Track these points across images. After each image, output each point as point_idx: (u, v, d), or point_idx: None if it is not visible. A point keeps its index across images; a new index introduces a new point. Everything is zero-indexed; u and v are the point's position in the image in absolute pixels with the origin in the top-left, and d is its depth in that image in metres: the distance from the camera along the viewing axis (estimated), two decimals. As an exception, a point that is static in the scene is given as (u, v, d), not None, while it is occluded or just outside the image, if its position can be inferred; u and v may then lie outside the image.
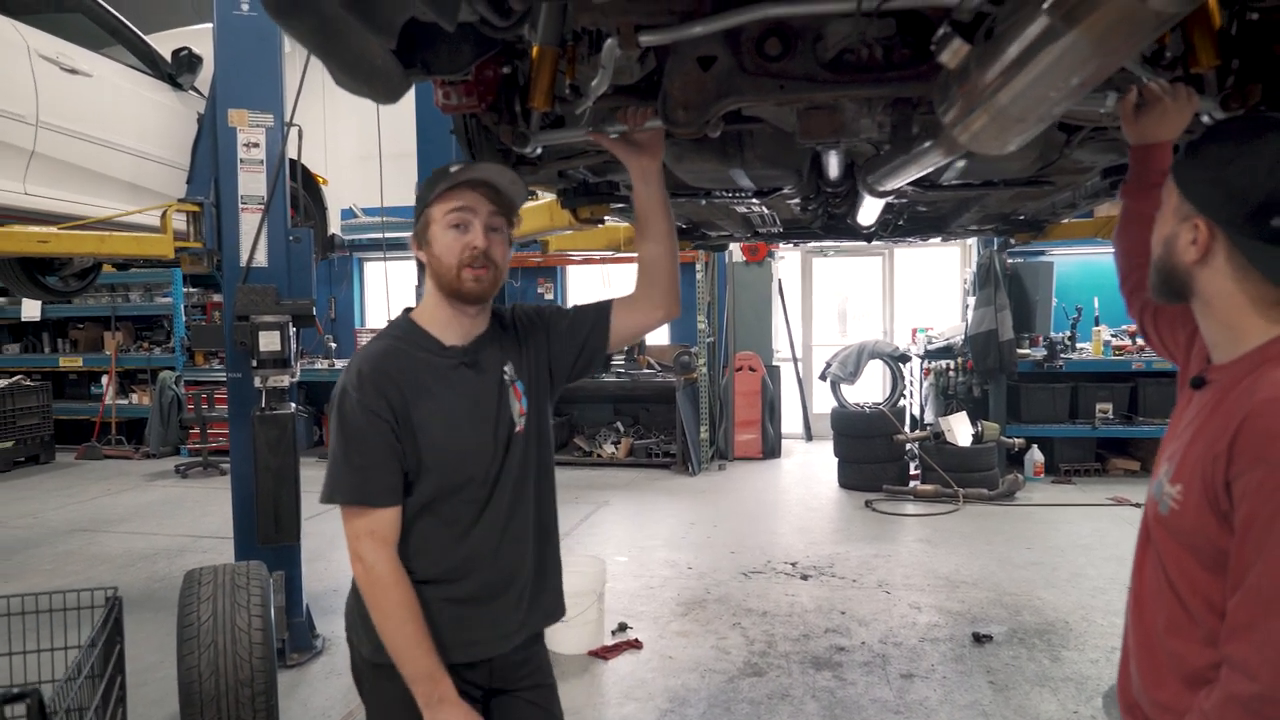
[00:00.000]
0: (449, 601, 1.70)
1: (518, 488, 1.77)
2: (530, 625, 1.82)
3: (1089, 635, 4.35)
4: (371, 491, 1.65)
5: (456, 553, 1.70)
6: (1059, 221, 3.74)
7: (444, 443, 1.69)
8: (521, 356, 1.84)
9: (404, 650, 1.63)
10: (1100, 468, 8.20)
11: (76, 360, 10.57)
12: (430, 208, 1.73)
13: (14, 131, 3.58)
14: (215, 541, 6.37)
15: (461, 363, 1.75)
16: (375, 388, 1.66)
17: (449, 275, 1.71)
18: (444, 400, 1.71)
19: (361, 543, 1.64)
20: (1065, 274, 8.79)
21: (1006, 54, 1.29)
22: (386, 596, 1.63)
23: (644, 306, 1.93)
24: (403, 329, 1.78)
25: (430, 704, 1.63)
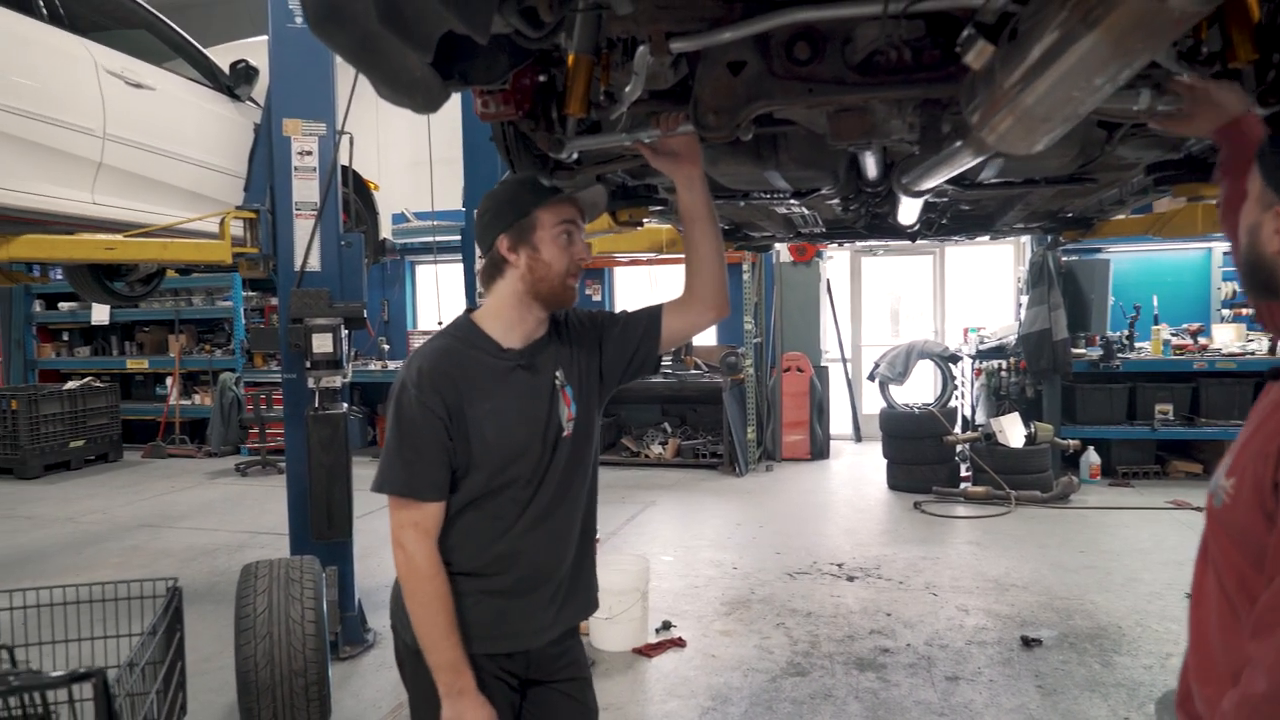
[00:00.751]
0: (487, 594, 1.76)
1: (561, 488, 1.82)
2: (565, 620, 1.87)
3: (1143, 641, 4.27)
4: (419, 486, 1.71)
5: (496, 548, 1.76)
6: (1108, 219, 3.68)
7: (494, 442, 1.74)
8: (573, 361, 1.89)
9: (433, 639, 1.70)
10: (1160, 470, 8.00)
11: (143, 362, 10.97)
12: (540, 212, 1.79)
13: (83, 144, 3.75)
14: (273, 537, 6.56)
15: (518, 365, 1.81)
16: (432, 385, 1.72)
17: (553, 281, 1.78)
18: (498, 401, 1.76)
19: (405, 532, 1.71)
20: (1122, 272, 8.60)
21: (1030, 55, 1.30)
22: (422, 586, 1.70)
23: (694, 308, 1.96)
24: (463, 329, 1.84)
25: (450, 694, 1.69)
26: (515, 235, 1.79)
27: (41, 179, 3.59)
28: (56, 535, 6.86)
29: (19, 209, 3.48)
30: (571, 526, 1.87)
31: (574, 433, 1.85)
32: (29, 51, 3.55)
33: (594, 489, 1.96)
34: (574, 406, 1.86)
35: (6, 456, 9.18)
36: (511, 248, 1.79)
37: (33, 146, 3.53)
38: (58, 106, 3.62)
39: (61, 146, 3.65)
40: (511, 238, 1.79)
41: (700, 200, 1.94)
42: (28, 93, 3.49)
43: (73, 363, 11.26)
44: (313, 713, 3.23)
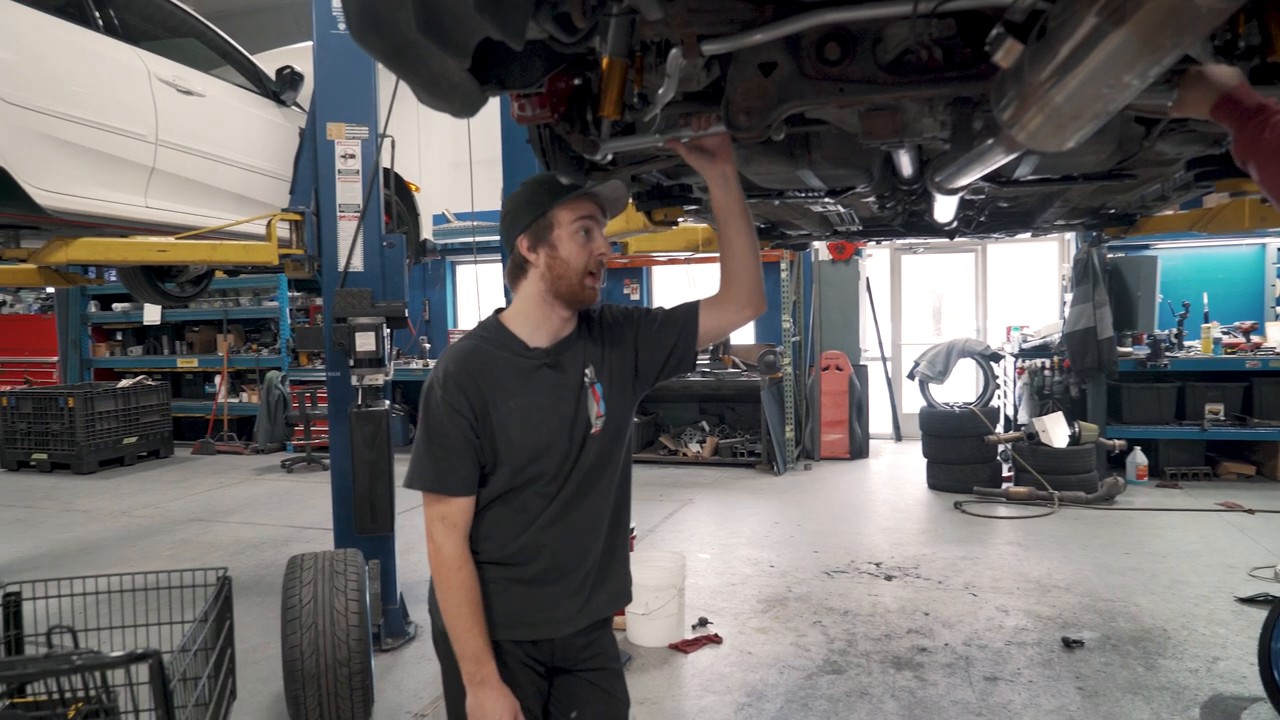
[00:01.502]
0: (513, 582, 1.81)
1: (589, 483, 1.86)
2: (592, 612, 1.91)
3: (1189, 644, 4.19)
4: (447, 482, 1.77)
5: (522, 539, 1.81)
6: (1151, 215, 3.62)
7: (518, 439, 1.78)
8: (604, 359, 1.91)
9: (458, 628, 1.76)
10: (1211, 471, 7.82)
11: (192, 361, 11.26)
12: (557, 210, 1.82)
13: (137, 150, 3.88)
14: (318, 532, 6.71)
15: (544, 364, 1.84)
16: (458, 386, 1.77)
17: (573, 279, 1.81)
18: (523, 399, 1.80)
19: (434, 525, 1.78)
20: (1171, 268, 8.43)
21: (1058, 53, 1.31)
22: (450, 577, 1.76)
23: (730, 306, 1.97)
24: (490, 330, 1.88)
25: (473, 682, 1.75)
26: (534, 235, 1.82)
27: (98, 184, 3.72)
28: (111, 528, 7.08)
29: (77, 213, 3.61)
30: (599, 520, 1.90)
31: (603, 430, 1.88)
32: (86, 62, 3.68)
33: (626, 484, 1.99)
34: (603, 404, 1.88)
35: (64, 453, 9.48)
36: (531, 247, 1.83)
37: (90, 153, 3.66)
38: (113, 114, 3.75)
39: (117, 153, 3.78)
40: (530, 238, 1.82)
41: (734, 198, 1.95)
42: (85, 102, 3.62)
43: (126, 362, 11.60)
44: (356, 702, 3.32)
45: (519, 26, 1.42)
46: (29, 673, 1.41)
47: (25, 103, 3.38)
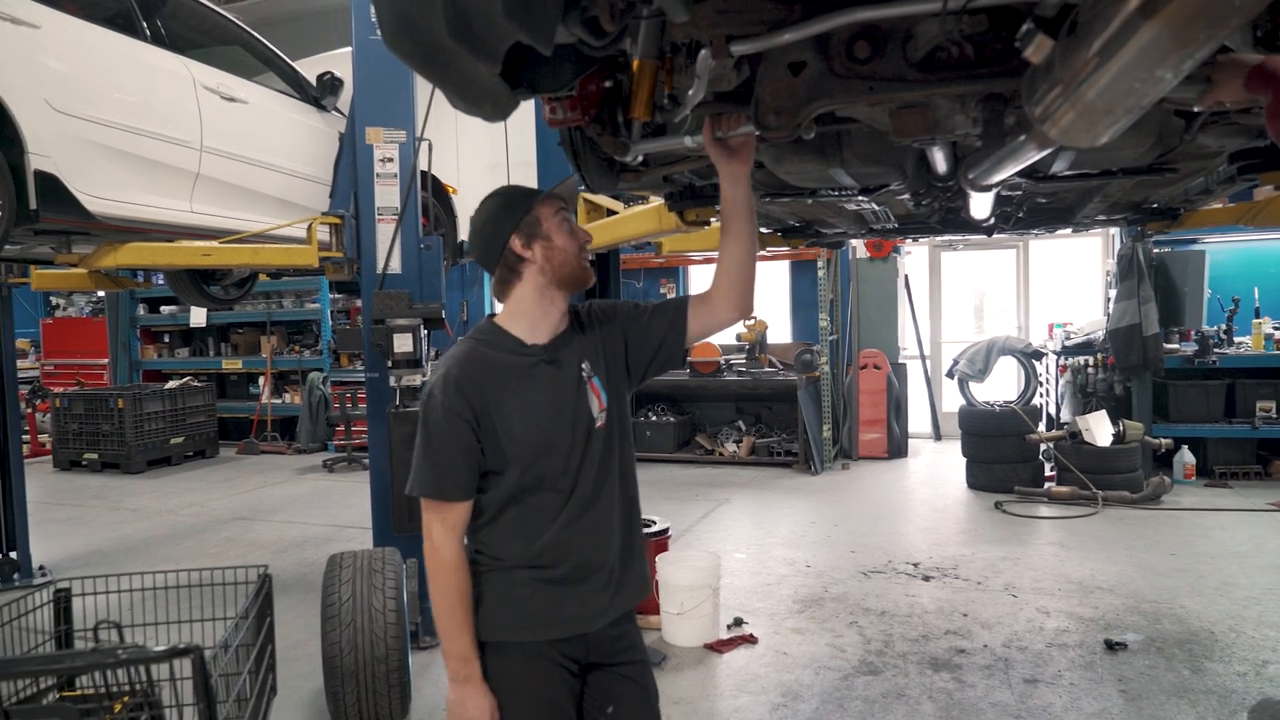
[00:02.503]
0: (543, 583, 1.83)
1: (601, 477, 1.89)
2: (620, 605, 1.93)
3: (1236, 647, 4.10)
4: (445, 488, 1.80)
5: (544, 540, 1.83)
6: (1195, 209, 3.55)
7: (522, 437, 1.81)
8: (599, 351, 1.96)
9: (450, 628, 1.81)
10: (1262, 470, 7.63)
11: (237, 363, 11.49)
12: (538, 208, 1.90)
13: (182, 157, 3.98)
14: (357, 531, 6.82)
15: (541, 360, 1.88)
16: (458, 389, 1.80)
17: (571, 263, 1.90)
18: (524, 397, 1.84)
19: (434, 527, 1.81)
20: (1219, 263, 8.22)
21: (1090, 48, 1.29)
22: (444, 578, 1.80)
23: (722, 306, 2.01)
24: (486, 332, 1.92)
25: (458, 680, 1.81)
26: (525, 232, 1.88)
27: (145, 190, 3.82)
28: (158, 526, 7.26)
29: (125, 219, 3.72)
30: (612, 514, 1.92)
31: (606, 422, 1.92)
32: (134, 71, 3.78)
33: (634, 476, 2.02)
34: (604, 396, 1.93)
35: (114, 452, 9.74)
36: (525, 244, 1.88)
37: (137, 160, 3.76)
38: (160, 122, 3.85)
39: (163, 159, 3.88)
40: (522, 235, 1.88)
41: (743, 197, 1.99)
42: (133, 110, 3.72)
43: (173, 363, 11.87)
44: (394, 699, 3.37)
45: (548, 31, 1.44)
46: (76, 665, 1.46)
47: (76, 112, 3.48)
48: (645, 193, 2.99)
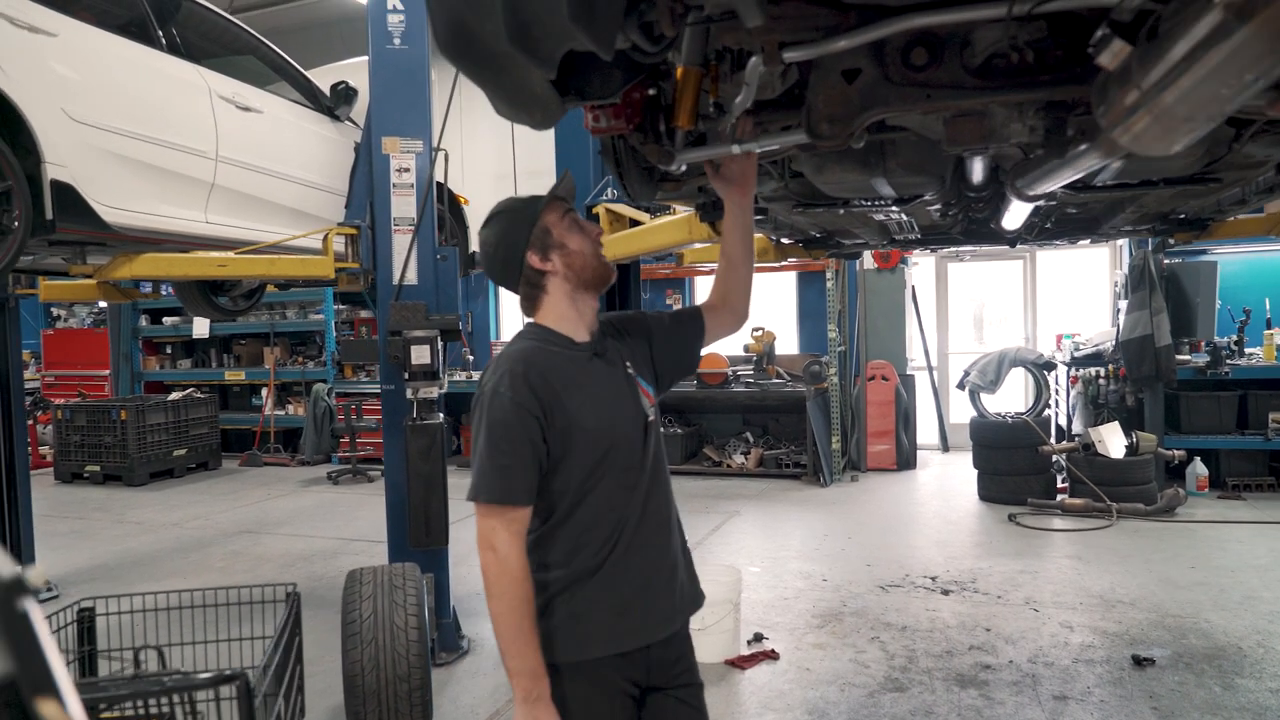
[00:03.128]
0: (612, 589, 1.78)
1: (656, 475, 1.88)
2: (681, 611, 1.90)
3: (1267, 663, 4.04)
4: (512, 490, 1.73)
5: (615, 538, 1.79)
6: (1224, 220, 3.52)
7: (593, 429, 1.78)
8: (633, 354, 1.96)
9: (518, 644, 1.70)
10: (1275, 482, 7.59)
11: (240, 374, 11.42)
12: (545, 215, 1.88)
13: (197, 167, 3.94)
14: (365, 544, 6.75)
15: (594, 354, 1.88)
16: (526, 384, 1.75)
17: (593, 263, 1.89)
18: (589, 390, 1.82)
19: (497, 535, 1.71)
20: (1230, 274, 8.20)
21: (1173, 53, 1.25)
22: (512, 589, 1.70)
23: (728, 317, 2.12)
24: (537, 332, 1.89)
25: (529, 699, 1.70)
26: (539, 245, 1.86)
27: (160, 200, 3.78)
28: (163, 540, 7.18)
29: (141, 229, 3.67)
30: (671, 514, 1.92)
31: (654, 419, 1.92)
32: (150, 80, 3.74)
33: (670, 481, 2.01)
34: (652, 392, 1.94)
35: (116, 464, 9.66)
36: (543, 257, 1.86)
37: (153, 170, 3.72)
38: (176, 131, 3.81)
39: (179, 169, 3.84)
40: (537, 250, 1.86)
41: (749, 222, 2.13)
42: (149, 119, 3.68)
43: (175, 374, 11.80)
44: (416, 717, 3.30)
45: (610, 37, 1.40)
46: (120, 694, 1.40)
47: (92, 121, 3.44)
48: (675, 204, 2.96)
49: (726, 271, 2.09)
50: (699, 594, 1.98)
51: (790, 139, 1.86)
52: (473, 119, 6.12)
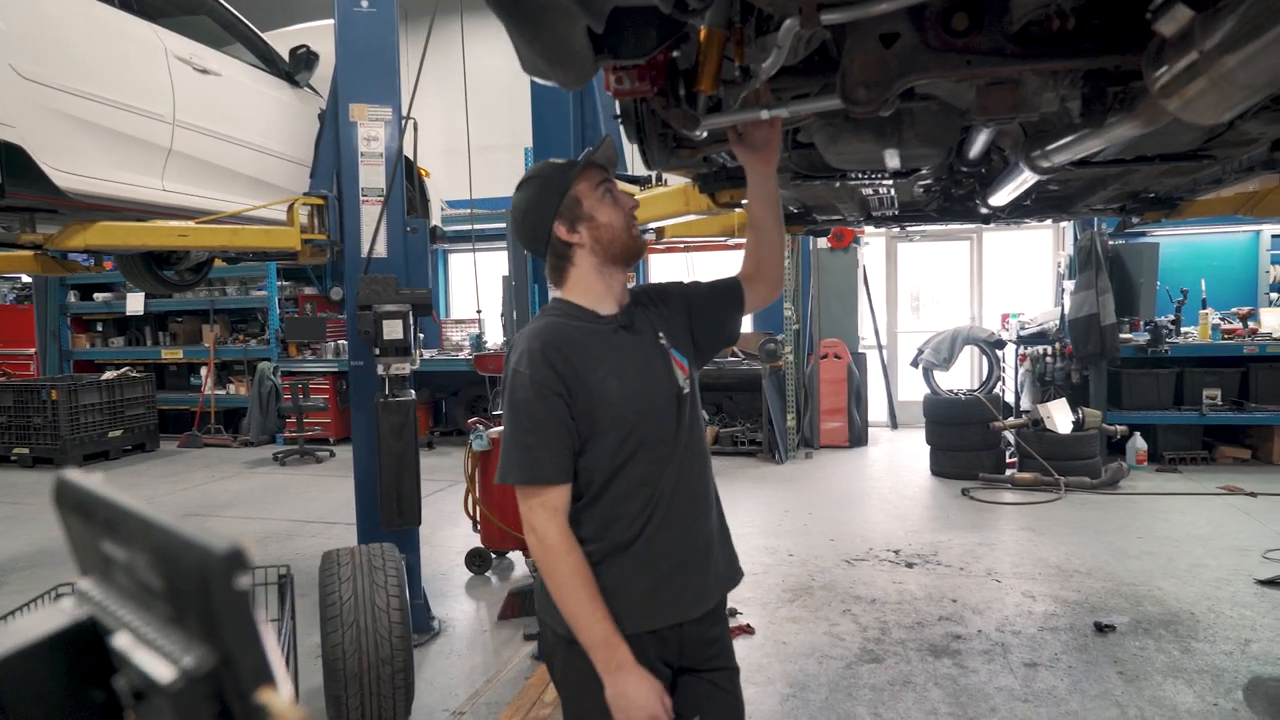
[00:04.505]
0: (643, 565, 1.74)
1: (692, 448, 1.82)
2: (715, 589, 1.86)
3: (1219, 627, 4.21)
4: (541, 472, 1.69)
5: (647, 513, 1.74)
6: (1194, 199, 3.61)
7: (619, 400, 1.72)
8: (668, 324, 1.90)
9: (581, 616, 1.65)
10: (1208, 456, 7.93)
11: (177, 352, 11.01)
12: (577, 184, 1.80)
13: (154, 130, 3.73)
14: (321, 525, 6.58)
15: (620, 326, 1.82)
16: (545, 361, 1.70)
17: (623, 236, 1.82)
18: (613, 363, 1.76)
19: (535, 514, 1.68)
20: (1169, 255, 8.49)
21: (1241, 19, 1.25)
22: (560, 565, 1.66)
23: (763, 285, 2.07)
24: (558, 307, 1.84)
25: (610, 670, 1.64)
26: (568, 216, 1.79)
27: (116, 166, 3.57)
28: (105, 524, 6.87)
29: (95, 195, 3.47)
30: (708, 488, 1.87)
31: (690, 390, 1.87)
32: (103, 37, 3.53)
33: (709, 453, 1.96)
34: (686, 363, 1.88)
35: (47, 447, 9.23)
36: (570, 229, 1.80)
37: (108, 133, 3.51)
38: (131, 93, 3.60)
39: (134, 133, 3.63)
40: (565, 221, 1.79)
41: (775, 189, 2.05)
42: (103, 79, 3.47)
43: (108, 353, 11.31)
44: (399, 700, 3.22)
45: (672, -13, 1.35)
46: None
47: (43, 79, 3.23)
48: (676, 173, 2.90)
49: (757, 241, 2.04)
50: (737, 571, 1.94)
51: (823, 104, 1.83)
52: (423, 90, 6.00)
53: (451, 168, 9.15)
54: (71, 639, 0.55)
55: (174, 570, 0.48)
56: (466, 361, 9.40)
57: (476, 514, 5.33)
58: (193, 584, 0.46)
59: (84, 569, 0.61)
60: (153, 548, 0.50)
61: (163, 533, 0.49)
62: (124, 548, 0.53)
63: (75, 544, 0.61)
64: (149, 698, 0.49)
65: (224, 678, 0.46)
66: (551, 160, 1.92)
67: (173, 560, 0.48)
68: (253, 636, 0.46)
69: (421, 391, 9.49)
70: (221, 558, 0.45)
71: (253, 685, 0.46)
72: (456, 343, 10.45)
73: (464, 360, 9.60)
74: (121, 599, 0.55)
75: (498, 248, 9.74)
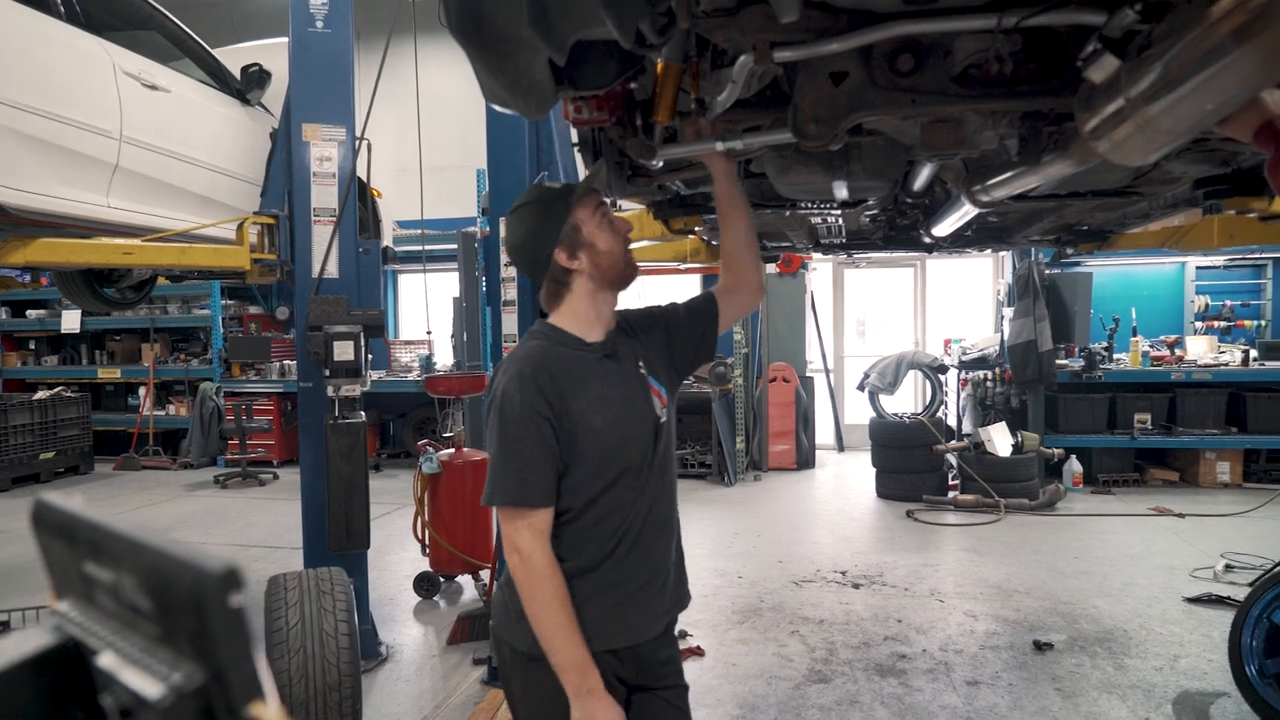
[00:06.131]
0: (608, 586, 1.76)
1: (662, 475, 1.86)
2: (670, 612, 1.90)
3: (1149, 643, 4.36)
4: (529, 493, 1.70)
5: (619, 536, 1.77)
6: (1125, 232, 3.78)
7: (602, 429, 1.75)
8: (647, 353, 1.94)
9: (558, 639, 1.68)
10: (1139, 478, 8.20)
11: (115, 372, 10.70)
12: (576, 211, 1.83)
13: (100, 146, 3.67)
14: (264, 550, 6.45)
15: (604, 355, 1.85)
16: (535, 385, 1.72)
17: (620, 263, 1.86)
18: (598, 391, 1.78)
19: (520, 535, 1.70)
20: (1102, 284, 8.81)
21: (1163, 70, 1.34)
22: (543, 586, 1.68)
23: (744, 291, 2.12)
24: (546, 331, 1.86)
25: (580, 694, 1.67)
26: (568, 244, 1.82)
27: (58, 181, 3.50)
28: (33, 550, 6.61)
29: (37, 211, 3.39)
30: (673, 515, 1.92)
31: (667, 420, 1.90)
32: (49, 51, 3.46)
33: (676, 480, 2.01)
34: (664, 393, 1.92)
35: (-27, 469, 8.88)
36: (570, 256, 1.82)
37: (50, 147, 3.44)
38: (77, 107, 3.54)
39: (79, 148, 3.56)
40: (565, 248, 1.82)
41: (739, 188, 2.12)
42: (48, 93, 3.40)
43: (41, 372, 10.95)
44: (346, 727, 3.17)
45: (633, 24, 1.40)
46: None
47: (-15, 93, 3.15)
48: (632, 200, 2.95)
49: (732, 245, 2.09)
50: (686, 593, 1.98)
51: (775, 137, 1.89)
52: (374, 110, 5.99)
53: (403, 188, 9.12)
54: (52, 660, 0.56)
55: (166, 590, 0.49)
56: (415, 383, 9.31)
57: (425, 538, 5.28)
58: (187, 603, 0.48)
59: (61, 591, 0.62)
60: (142, 569, 0.51)
61: (154, 554, 0.50)
62: (110, 569, 0.54)
63: (53, 566, 0.62)
64: (137, 715, 0.50)
65: (213, 693, 0.48)
66: (546, 184, 1.95)
67: (165, 581, 0.49)
68: (245, 653, 0.47)
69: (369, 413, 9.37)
70: (217, 578, 0.46)
71: (243, 700, 0.47)
72: (405, 364, 10.35)
73: (413, 381, 9.51)
74: (103, 620, 0.56)
75: (448, 268, 9.70)
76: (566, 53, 1.47)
